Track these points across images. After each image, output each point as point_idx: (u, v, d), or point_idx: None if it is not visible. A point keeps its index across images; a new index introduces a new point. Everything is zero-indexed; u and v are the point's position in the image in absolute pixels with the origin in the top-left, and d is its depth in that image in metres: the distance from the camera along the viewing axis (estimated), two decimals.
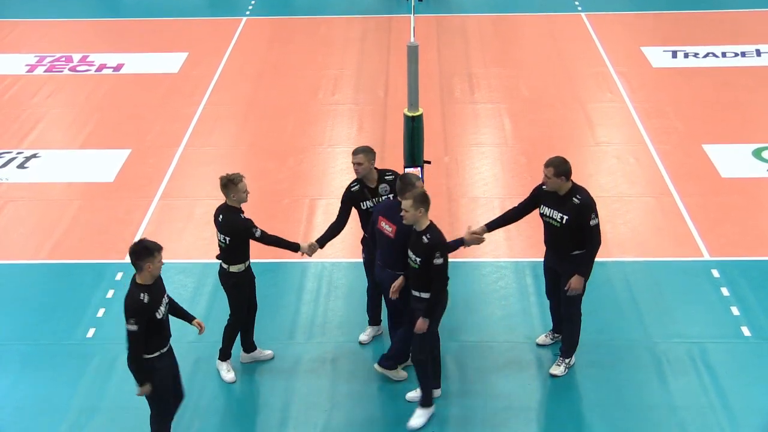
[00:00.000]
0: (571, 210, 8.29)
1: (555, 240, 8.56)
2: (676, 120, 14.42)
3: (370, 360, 9.25)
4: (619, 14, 19.31)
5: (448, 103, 15.20)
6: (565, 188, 8.32)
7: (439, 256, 7.88)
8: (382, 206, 8.61)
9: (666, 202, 12.17)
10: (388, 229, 8.37)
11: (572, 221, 8.30)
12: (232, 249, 8.58)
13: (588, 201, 8.32)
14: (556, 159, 8.31)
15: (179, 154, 13.64)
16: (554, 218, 8.43)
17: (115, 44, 18.20)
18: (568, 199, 8.32)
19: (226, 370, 8.97)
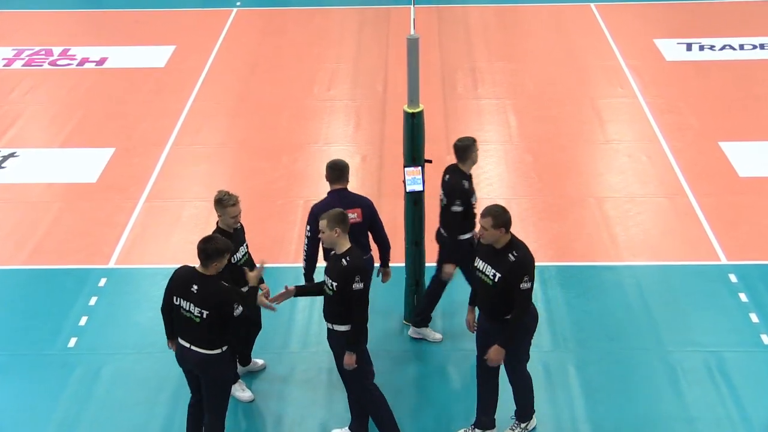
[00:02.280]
0: (504, 267, 7.57)
1: (485, 299, 7.79)
2: (691, 116, 14.43)
3: None
4: (630, 4, 19.31)
5: (450, 98, 15.20)
6: (502, 241, 7.61)
7: (359, 280, 7.52)
8: (326, 205, 8.45)
9: (680, 202, 12.17)
10: (353, 216, 8.55)
11: (503, 281, 7.57)
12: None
13: (524, 260, 7.55)
14: (495, 208, 7.63)
15: (166, 153, 13.64)
16: (487, 274, 7.69)
17: (98, 37, 18.20)
18: (503, 254, 7.59)
19: (241, 390, 8.93)
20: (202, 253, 7.45)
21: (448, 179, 9.14)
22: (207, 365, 7.53)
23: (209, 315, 7.41)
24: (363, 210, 8.86)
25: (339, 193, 8.86)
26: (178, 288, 7.53)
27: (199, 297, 7.42)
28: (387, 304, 10.19)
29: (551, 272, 10.79)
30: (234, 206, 8.38)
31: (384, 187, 12.61)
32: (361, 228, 8.76)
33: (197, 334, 7.48)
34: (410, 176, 9.10)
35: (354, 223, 8.44)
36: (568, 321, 9.94)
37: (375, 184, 12.74)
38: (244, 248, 8.55)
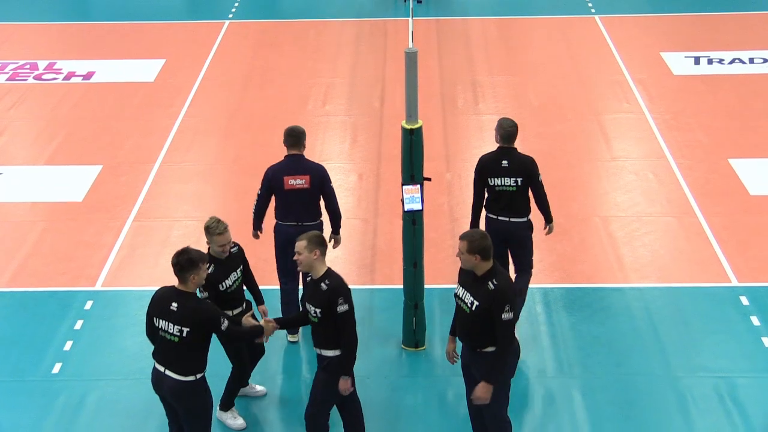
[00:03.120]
0: (483, 296, 7.43)
1: (464, 329, 7.68)
2: (700, 132, 14.43)
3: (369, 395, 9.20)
4: (636, 17, 19.37)
5: (450, 114, 15.20)
6: (481, 268, 7.47)
7: (342, 302, 7.53)
8: (280, 168, 9.50)
9: (689, 222, 12.16)
10: (300, 182, 9.36)
11: (482, 310, 7.42)
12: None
13: (505, 289, 7.41)
14: (472, 233, 7.59)
15: (155, 171, 13.62)
16: (465, 302, 7.58)
17: (85, 50, 18.21)
18: (483, 282, 7.46)
19: (233, 417, 8.87)
20: (176, 266, 7.47)
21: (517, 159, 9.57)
22: (181, 393, 7.49)
23: (189, 333, 7.38)
24: (312, 177, 9.49)
25: (293, 158, 9.56)
26: (156, 308, 7.52)
27: (178, 314, 7.40)
28: (384, 328, 10.15)
29: (556, 294, 10.75)
30: (221, 235, 8.33)
31: (381, 206, 12.59)
32: (310, 194, 9.49)
33: (173, 357, 7.46)
34: (408, 195, 9.08)
35: (302, 189, 9.44)
36: (573, 345, 9.90)
37: (372, 203, 12.72)
38: (235, 275, 8.50)
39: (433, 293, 10.32)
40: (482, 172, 9.66)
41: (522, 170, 9.56)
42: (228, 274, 8.42)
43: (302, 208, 9.52)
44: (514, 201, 9.61)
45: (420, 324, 9.73)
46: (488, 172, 9.62)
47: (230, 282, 8.44)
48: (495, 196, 9.64)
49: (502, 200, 9.61)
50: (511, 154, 9.59)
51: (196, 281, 7.49)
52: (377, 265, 11.39)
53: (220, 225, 8.33)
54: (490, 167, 9.61)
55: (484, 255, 7.46)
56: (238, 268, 8.55)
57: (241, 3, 20.70)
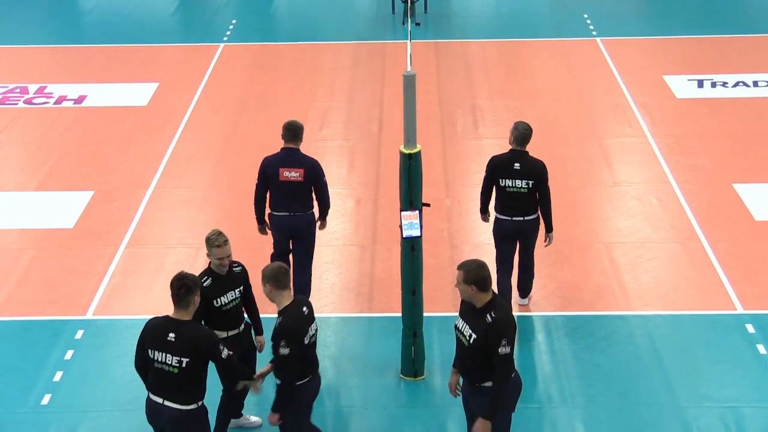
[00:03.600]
0: (481, 329, 7.42)
1: (463, 363, 7.69)
2: (704, 156, 14.47)
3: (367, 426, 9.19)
4: (638, 39, 19.45)
5: (449, 138, 15.24)
6: (480, 300, 7.47)
7: (284, 345, 7.59)
8: (276, 160, 10.28)
9: (693, 248, 12.17)
10: (294, 174, 10.06)
11: (480, 343, 7.41)
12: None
13: (503, 322, 7.39)
14: (470, 262, 7.55)
15: (148, 197, 13.63)
16: (464, 334, 7.57)
17: (77, 74, 18.26)
18: (482, 314, 7.46)
19: None
20: (181, 288, 7.49)
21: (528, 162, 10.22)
22: (181, 422, 7.49)
23: (189, 363, 7.39)
24: (306, 170, 10.24)
25: (290, 151, 10.35)
26: (151, 340, 7.50)
27: (177, 345, 7.40)
28: (383, 357, 10.14)
29: (557, 322, 10.75)
30: (220, 247, 8.40)
31: (379, 233, 12.60)
32: (303, 187, 10.25)
33: (173, 387, 7.46)
34: (407, 221, 9.09)
35: (296, 182, 10.20)
36: (575, 374, 9.89)
37: (370, 229, 12.73)
38: (233, 294, 8.55)
39: (432, 321, 10.31)
40: (494, 173, 10.35)
41: (534, 173, 10.21)
42: (225, 292, 8.47)
43: (295, 199, 10.25)
44: (524, 202, 10.28)
45: (419, 353, 9.72)
46: (500, 173, 10.28)
47: (226, 300, 8.47)
48: (506, 196, 10.29)
49: (512, 201, 10.26)
50: (523, 157, 10.27)
51: (196, 304, 7.56)
52: (375, 293, 11.38)
53: (221, 237, 8.40)
54: (503, 168, 10.28)
55: (481, 286, 7.44)
56: (238, 288, 8.57)
57: (237, 25, 20.78)
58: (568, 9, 21.69)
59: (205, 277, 8.43)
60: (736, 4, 22.00)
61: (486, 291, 7.48)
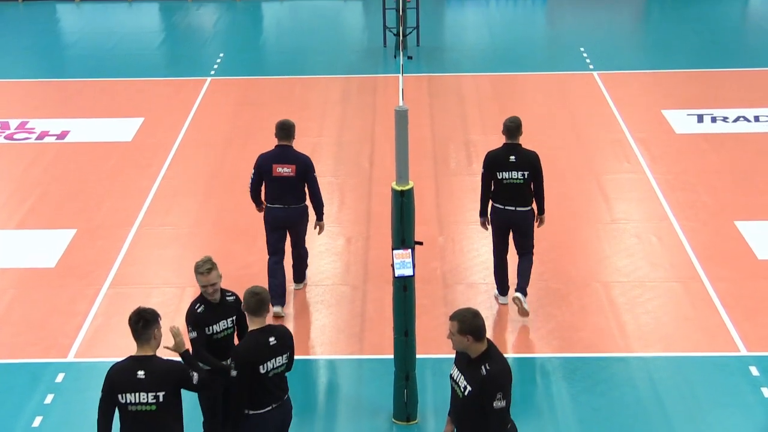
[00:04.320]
0: (475, 381, 7.35)
1: (457, 415, 7.63)
2: (704, 193, 14.51)
3: None
4: (636, 73, 19.56)
5: (442, 175, 15.27)
6: (476, 350, 7.41)
7: (233, 366, 7.88)
8: (270, 156, 11.40)
9: (694, 287, 12.18)
10: (287, 170, 11.25)
11: (474, 395, 7.34)
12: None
13: (498, 375, 7.32)
14: (464, 312, 7.47)
15: (132, 235, 13.62)
16: (459, 385, 7.52)
17: (59, 109, 18.29)
18: (477, 365, 7.38)
19: None
20: (139, 323, 7.57)
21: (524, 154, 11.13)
22: None
23: (166, 396, 7.43)
24: (297, 166, 11.35)
25: (283, 148, 11.48)
26: (121, 383, 7.49)
27: (150, 381, 7.43)
28: (374, 401, 10.11)
29: (554, 364, 10.73)
30: (203, 275, 8.56)
31: (371, 272, 12.59)
32: (295, 182, 11.35)
33: (154, 426, 7.44)
34: (399, 260, 9.09)
35: (288, 177, 11.32)
36: (573, 419, 9.87)
37: (361, 268, 12.72)
38: (225, 324, 8.64)
39: (425, 363, 10.29)
40: (491, 167, 11.24)
41: (528, 165, 11.18)
42: (217, 320, 8.59)
43: (288, 193, 11.41)
44: (519, 192, 11.21)
45: (412, 396, 9.68)
46: (497, 166, 11.20)
47: (219, 329, 8.59)
48: (502, 188, 11.23)
49: (508, 192, 11.20)
50: (517, 149, 11.22)
51: (158, 339, 7.61)
52: (366, 334, 11.36)
53: (205, 265, 8.56)
54: (499, 162, 11.20)
55: (477, 335, 7.39)
56: (231, 317, 8.66)
57: (224, 59, 20.87)
58: (563, 42, 21.84)
59: (198, 304, 8.59)
60: (737, 38, 22.18)
61: (481, 340, 7.42)
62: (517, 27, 23.57)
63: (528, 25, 23.92)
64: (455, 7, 25.03)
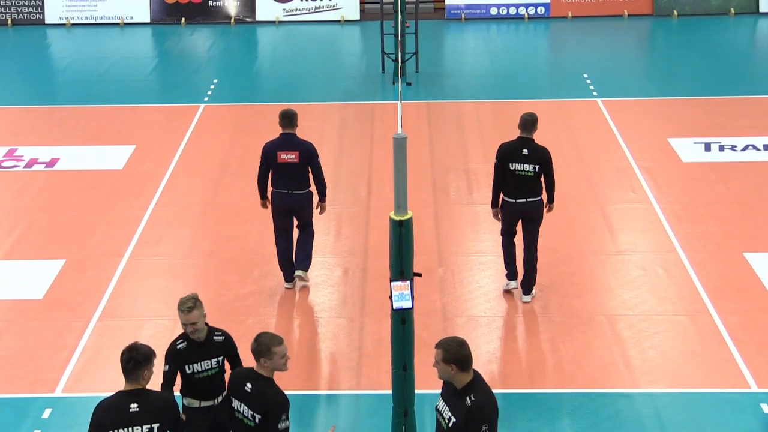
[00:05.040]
0: (460, 412, 7.33)
1: None
2: (712, 224, 14.51)
3: None
4: (641, 100, 19.62)
5: (442, 204, 15.27)
6: (461, 380, 7.41)
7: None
8: (274, 144, 12.40)
9: (703, 321, 12.15)
10: (291, 157, 12.19)
11: (459, 428, 7.30)
12: None
13: (483, 406, 7.31)
14: (449, 340, 7.49)
15: (123, 266, 13.60)
16: (444, 416, 7.50)
17: (49, 136, 18.32)
18: (461, 396, 7.38)
19: None
20: (130, 362, 7.51)
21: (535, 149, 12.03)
22: None
23: (160, 428, 7.39)
24: (301, 152, 12.32)
25: (287, 136, 12.46)
26: (113, 419, 7.42)
27: (143, 413, 7.38)
28: None
29: (557, 401, 10.69)
30: (184, 313, 8.48)
31: (368, 304, 12.57)
32: (299, 167, 12.31)
33: None
34: (397, 292, 9.05)
35: (292, 163, 12.29)
36: None
37: (358, 300, 12.69)
38: (209, 364, 8.57)
39: (424, 399, 10.24)
40: (504, 159, 12.14)
41: (539, 158, 12.06)
42: (199, 359, 8.52)
43: (292, 178, 12.35)
44: (530, 184, 12.08)
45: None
46: (510, 157, 12.09)
47: (200, 368, 8.52)
48: (514, 179, 12.10)
49: (519, 183, 12.07)
50: (529, 144, 12.10)
51: (147, 378, 7.56)
52: (363, 368, 11.33)
53: (186, 303, 8.47)
54: (512, 154, 12.10)
55: (462, 365, 7.37)
56: (216, 357, 8.57)
57: (218, 85, 20.92)
58: (566, 68, 21.92)
59: (180, 340, 8.55)
60: (745, 63, 22.26)
61: (467, 371, 7.41)
62: (519, 52, 23.68)
63: (530, 51, 24.04)
64: (455, 32, 25.13)
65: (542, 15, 25.83)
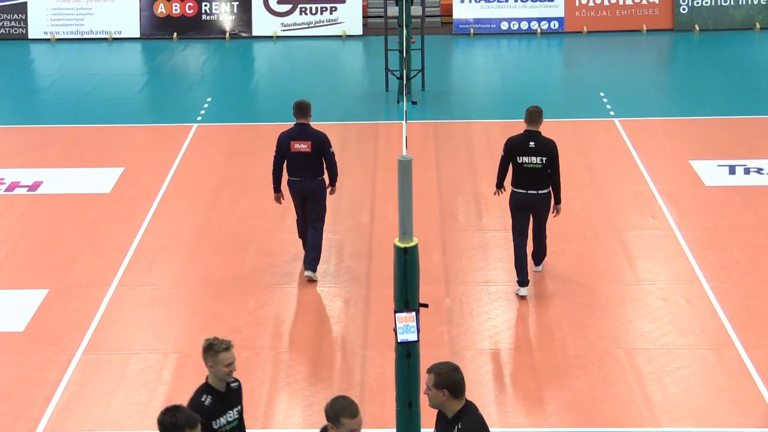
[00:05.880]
0: None
1: None
2: (737, 251, 14.49)
3: None
4: (661, 120, 19.64)
5: (449, 230, 15.27)
6: (451, 408, 7.46)
7: None
8: (288, 134, 13.63)
9: (728, 355, 12.12)
10: (303, 146, 13.45)
11: None
12: None
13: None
14: (442, 365, 7.53)
15: (110, 296, 13.59)
16: None
17: (32, 158, 18.35)
18: (452, 425, 7.45)
19: None
20: (170, 427, 7.31)
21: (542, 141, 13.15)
22: None
23: None
24: (313, 142, 13.59)
25: (300, 126, 13.73)
26: None
27: None
28: None
29: None
30: (222, 352, 8.33)
31: (371, 337, 12.55)
32: (311, 157, 13.59)
33: None
34: (402, 324, 9.04)
35: (304, 152, 13.58)
36: None
37: (360, 332, 12.68)
38: (232, 415, 8.50)
39: None
40: (512, 152, 13.19)
41: (546, 151, 13.11)
42: (225, 411, 8.44)
43: (305, 167, 13.60)
44: (538, 176, 13.08)
45: None
46: (517, 151, 13.13)
47: (225, 421, 8.42)
48: (522, 171, 13.10)
49: (528, 175, 13.06)
50: (536, 137, 13.18)
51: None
52: (366, 405, 11.30)
53: (224, 341, 8.35)
54: (520, 147, 13.14)
55: (455, 391, 7.41)
56: (236, 407, 8.55)
57: (212, 104, 20.97)
58: (582, 86, 21.97)
59: (204, 396, 8.36)
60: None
61: (459, 398, 7.45)
62: (531, 69, 23.74)
63: (542, 67, 24.09)
64: (463, 48, 25.21)
65: (556, 30, 25.92)
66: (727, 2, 25.84)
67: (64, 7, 25.87)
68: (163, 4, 26.02)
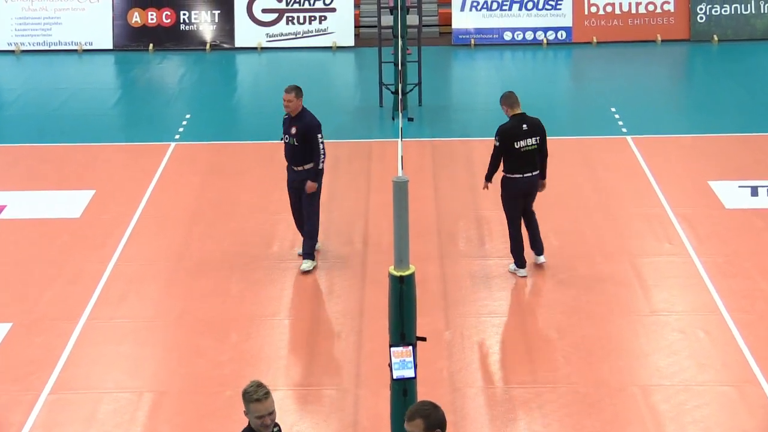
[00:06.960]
0: None
1: None
2: (761, 280, 14.51)
3: None
4: (677, 137, 19.69)
5: (448, 257, 15.27)
6: None
7: None
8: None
9: (751, 392, 12.12)
10: (292, 131, 14.35)
11: None
12: None
13: None
14: (423, 407, 7.53)
15: (79, 330, 13.56)
16: None
17: None
18: None
19: None
20: None
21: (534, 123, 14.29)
22: None
23: None
24: (298, 128, 14.45)
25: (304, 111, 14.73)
26: None
27: None
28: None
29: None
30: (259, 402, 8.08)
31: (364, 373, 12.53)
32: (297, 143, 14.50)
33: None
34: (398, 359, 9.04)
35: (291, 138, 14.54)
36: None
37: (353, 368, 12.65)
38: None
39: None
40: (507, 139, 14.16)
41: (537, 130, 14.35)
42: None
43: (292, 154, 14.65)
44: (533, 157, 14.26)
45: None
46: (513, 137, 14.14)
47: None
48: (520, 156, 14.18)
49: (525, 159, 14.18)
50: (525, 119, 14.33)
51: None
52: None
53: (260, 389, 8.09)
54: (514, 133, 14.17)
55: (444, 429, 7.44)
56: None
57: (191, 121, 20.99)
58: (591, 101, 22.03)
59: None
60: None
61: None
62: (537, 83, 23.79)
63: (549, 82, 24.16)
64: (464, 60, 25.28)
65: (563, 40, 26.01)
66: (748, 11, 25.95)
67: (30, 16, 25.91)
68: (138, 12, 26.08)
